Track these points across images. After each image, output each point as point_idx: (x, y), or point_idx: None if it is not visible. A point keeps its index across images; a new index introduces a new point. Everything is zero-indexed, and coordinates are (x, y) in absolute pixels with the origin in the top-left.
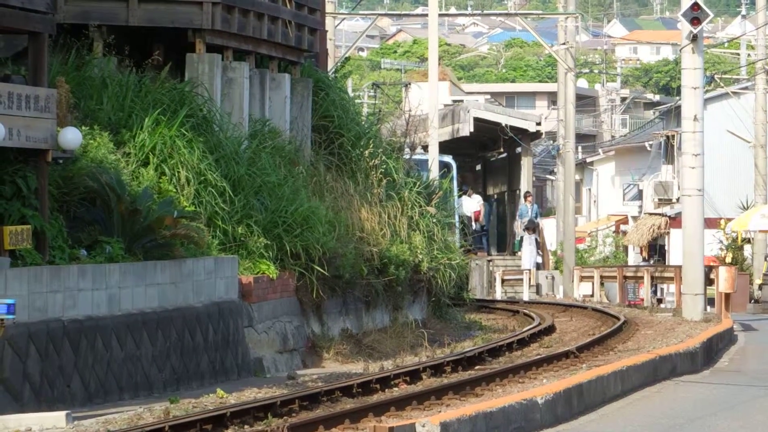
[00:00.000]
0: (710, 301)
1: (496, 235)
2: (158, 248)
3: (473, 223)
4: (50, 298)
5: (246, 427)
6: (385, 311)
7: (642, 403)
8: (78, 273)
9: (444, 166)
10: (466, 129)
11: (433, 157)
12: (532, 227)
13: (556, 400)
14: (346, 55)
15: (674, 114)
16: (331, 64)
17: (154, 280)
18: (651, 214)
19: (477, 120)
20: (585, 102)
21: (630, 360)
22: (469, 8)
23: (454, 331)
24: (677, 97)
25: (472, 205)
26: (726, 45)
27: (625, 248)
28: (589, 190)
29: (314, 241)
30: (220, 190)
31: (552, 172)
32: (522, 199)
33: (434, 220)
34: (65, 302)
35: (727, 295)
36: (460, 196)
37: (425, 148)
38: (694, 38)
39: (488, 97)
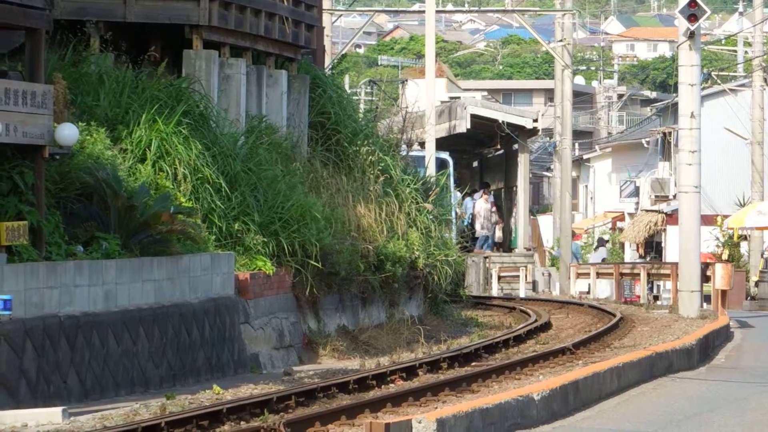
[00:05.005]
0: (707, 298)
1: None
2: (155, 244)
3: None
4: (47, 294)
5: (242, 423)
6: (381, 308)
7: (638, 400)
8: (74, 269)
9: (441, 163)
10: (463, 126)
11: (430, 153)
12: None
13: (553, 397)
14: (343, 52)
15: (671, 111)
16: (328, 61)
17: (151, 276)
18: (647, 210)
19: (474, 117)
20: (582, 99)
21: (626, 357)
22: (466, 5)
23: (450, 327)
24: (674, 94)
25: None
26: (723, 42)
27: (622, 245)
28: (586, 186)
29: (311, 237)
30: (216, 186)
31: (549, 169)
32: None
33: (431, 217)
34: (62, 298)
35: (724, 292)
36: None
37: (422, 144)
38: (691, 35)
39: (485, 93)
